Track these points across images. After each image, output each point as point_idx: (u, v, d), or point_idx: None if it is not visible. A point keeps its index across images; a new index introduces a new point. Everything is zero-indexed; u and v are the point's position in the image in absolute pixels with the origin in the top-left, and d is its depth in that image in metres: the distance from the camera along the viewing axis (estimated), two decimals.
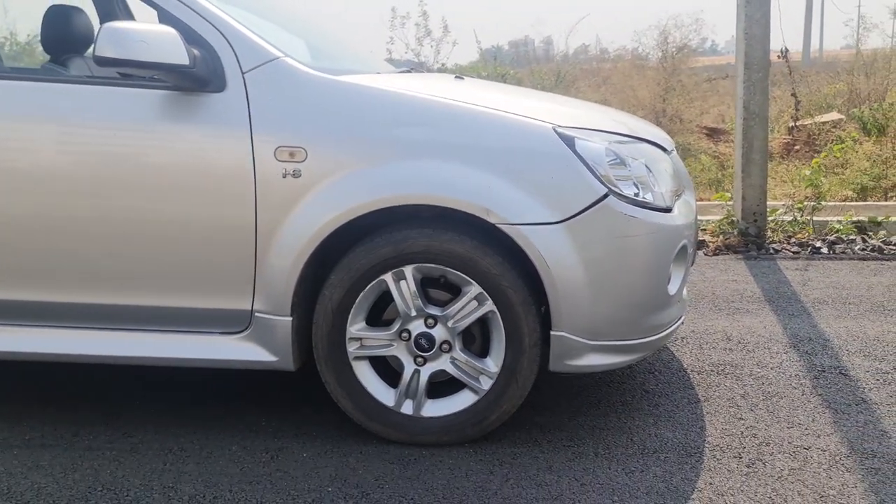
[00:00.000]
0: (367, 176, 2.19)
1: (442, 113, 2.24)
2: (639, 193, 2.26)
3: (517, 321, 2.23)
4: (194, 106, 2.23)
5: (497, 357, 2.27)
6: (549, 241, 2.17)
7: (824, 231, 5.25)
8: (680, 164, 2.67)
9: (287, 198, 2.21)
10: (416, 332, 2.28)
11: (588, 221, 2.18)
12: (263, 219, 2.23)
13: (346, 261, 2.24)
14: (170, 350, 2.34)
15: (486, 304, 2.23)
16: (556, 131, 2.22)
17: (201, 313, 2.32)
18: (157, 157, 2.25)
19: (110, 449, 2.32)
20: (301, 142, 2.20)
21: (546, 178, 2.18)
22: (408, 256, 2.21)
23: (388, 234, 2.23)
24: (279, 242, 2.23)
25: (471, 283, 2.22)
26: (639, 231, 2.22)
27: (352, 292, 2.25)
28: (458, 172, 2.18)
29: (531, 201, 2.17)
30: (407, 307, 2.26)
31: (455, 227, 2.23)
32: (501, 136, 2.21)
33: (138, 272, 2.30)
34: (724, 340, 3.25)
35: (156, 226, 2.26)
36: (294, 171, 2.20)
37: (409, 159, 2.19)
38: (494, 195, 2.16)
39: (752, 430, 2.41)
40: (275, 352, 2.31)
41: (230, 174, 2.22)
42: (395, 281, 2.25)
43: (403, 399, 2.31)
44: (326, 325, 2.27)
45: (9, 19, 5.10)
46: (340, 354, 2.30)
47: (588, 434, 2.39)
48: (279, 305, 2.27)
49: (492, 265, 2.20)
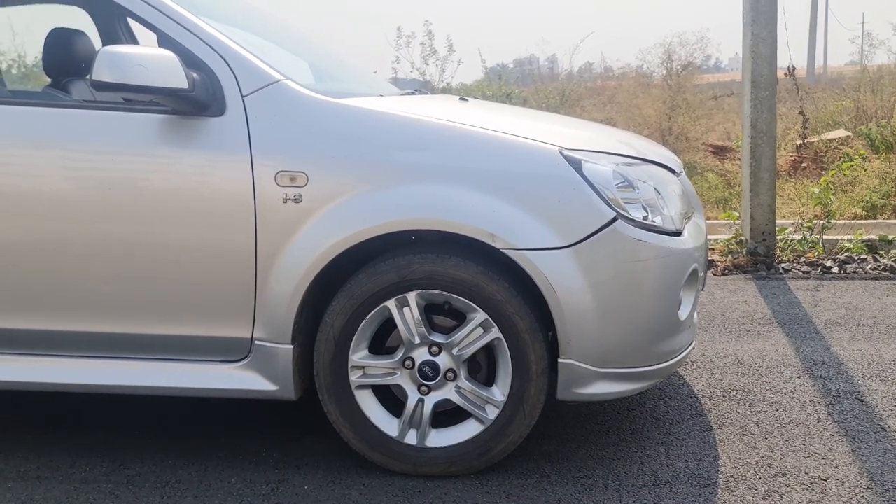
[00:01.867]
0: (369, 200, 2.14)
1: (446, 136, 2.19)
2: (647, 217, 2.21)
3: (524, 349, 2.17)
4: (193, 130, 2.19)
5: (503, 386, 2.21)
6: (556, 267, 2.11)
7: (834, 250, 5.18)
8: (689, 185, 2.61)
9: (288, 223, 2.16)
10: (420, 361, 2.22)
11: (596, 246, 2.12)
12: (264, 244, 2.18)
13: (349, 287, 2.19)
14: (167, 379, 2.29)
15: (492, 332, 2.17)
16: (563, 154, 2.18)
17: (200, 341, 2.27)
18: (155, 181, 2.21)
19: (106, 482, 2.26)
20: (302, 166, 2.16)
21: (552, 201, 2.13)
22: (411, 282, 2.16)
23: (391, 259, 2.18)
24: (280, 269, 2.18)
25: (476, 310, 2.16)
26: (648, 255, 2.17)
27: (354, 319, 2.19)
28: (463, 196, 2.13)
29: (537, 226, 2.12)
30: (410, 334, 2.20)
31: (460, 252, 2.18)
32: (507, 160, 2.16)
33: (136, 299, 2.25)
34: (735, 364, 3.18)
35: (154, 251, 2.21)
36: (295, 196, 2.16)
37: (412, 183, 2.15)
38: (500, 219, 2.11)
39: (768, 460, 2.33)
40: (275, 381, 2.25)
41: (230, 199, 2.17)
42: (398, 308, 2.19)
43: (407, 429, 2.25)
44: (328, 353, 2.22)
45: (16, 42, 5.10)
46: (342, 383, 2.24)
47: (597, 464, 2.32)
48: (280, 333, 2.21)
49: (497, 291, 2.14)
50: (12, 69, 6.17)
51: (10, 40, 4.82)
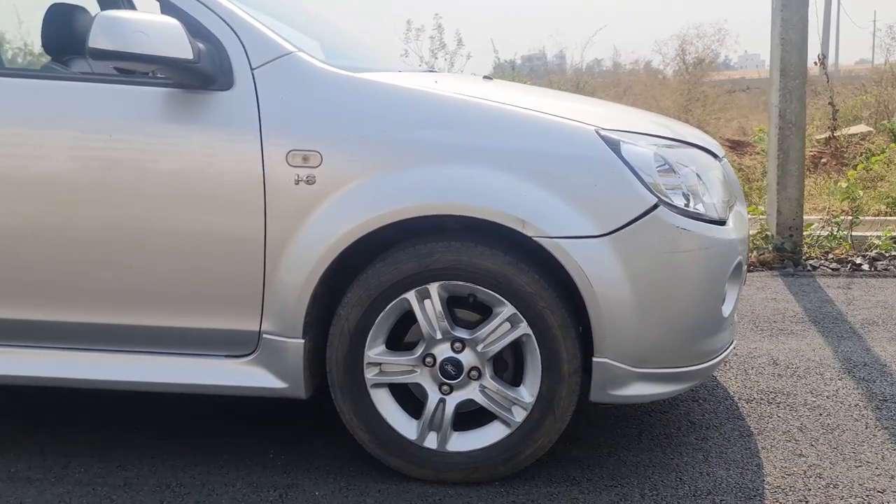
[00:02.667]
0: (388, 183, 1.97)
1: (472, 113, 2.02)
2: (689, 204, 2.03)
3: (555, 346, 1.99)
4: (198, 105, 2.02)
5: (532, 386, 2.03)
6: (592, 257, 1.93)
7: (864, 247, 4.98)
8: (731, 171, 2.43)
9: (300, 207, 1.99)
10: (442, 358, 2.05)
11: (635, 235, 1.95)
12: (273, 230, 2.01)
13: (365, 277, 2.02)
14: (168, 374, 2.12)
15: (521, 327, 2.00)
16: (600, 134, 2.00)
17: (203, 334, 2.10)
18: (156, 161, 2.03)
19: (102, 484, 2.09)
20: (316, 145, 1.98)
21: (588, 185, 1.95)
22: (433, 273, 1.99)
23: (412, 247, 2.00)
24: (290, 256, 2.01)
25: (503, 303, 1.99)
26: (692, 246, 1.99)
27: (370, 312, 2.02)
28: (490, 179, 1.95)
29: (572, 212, 1.94)
30: (432, 329, 2.03)
31: (486, 240, 2.00)
32: (539, 140, 1.98)
33: (134, 288, 2.08)
34: (770, 365, 3.00)
35: (154, 237, 2.04)
36: (308, 178, 1.98)
37: (435, 164, 1.97)
38: (531, 205, 1.94)
39: (816, 469, 2.15)
40: (284, 377, 2.08)
41: (237, 180, 2.00)
42: (418, 300, 2.02)
43: (427, 431, 2.08)
44: (342, 348, 2.04)
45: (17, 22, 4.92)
46: (357, 381, 2.06)
47: (632, 472, 2.15)
48: (290, 326, 2.04)
49: (527, 283, 1.96)
50: (10, 50, 5.96)
51: (9, 19, 4.63)
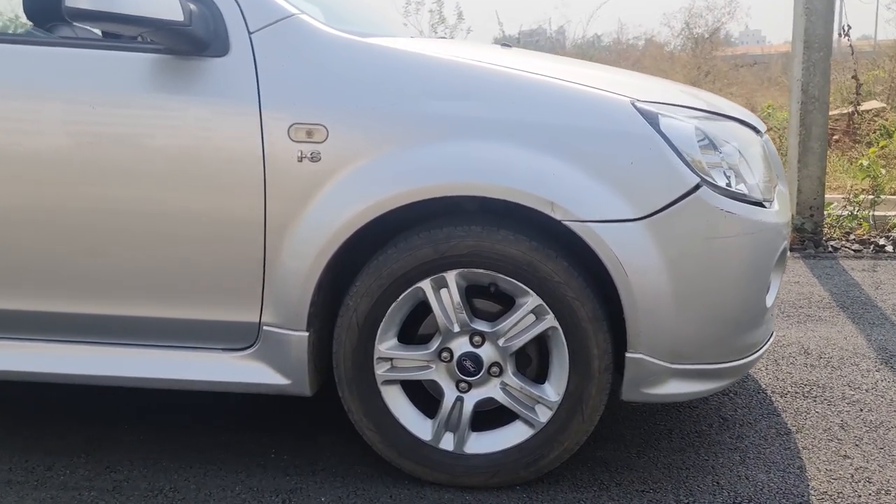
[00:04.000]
0: (401, 160, 1.78)
1: (493, 83, 1.82)
2: (730, 184, 1.84)
3: (584, 340, 1.81)
4: (190, 73, 1.82)
5: (558, 383, 1.86)
6: (627, 242, 1.75)
7: (886, 227, 4.80)
8: (772, 148, 2.24)
9: (303, 186, 1.80)
10: (460, 352, 1.87)
11: (675, 218, 1.76)
12: (274, 212, 1.82)
13: (376, 264, 1.83)
14: (159, 369, 1.94)
15: (547, 319, 1.82)
16: (636, 106, 1.80)
17: (198, 326, 1.92)
18: (144, 136, 1.84)
19: (89, 488, 1.92)
20: (320, 118, 1.79)
21: (624, 163, 1.76)
22: (451, 259, 1.80)
23: (427, 231, 1.81)
24: (293, 241, 1.82)
25: (528, 293, 1.81)
26: (736, 230, 1.80)
27: (381, 303, 1.84)
28: (515, 156, 1.76)
29: (605, 193, 1.75)
30: (449, 321, 1.85)
31: (510, 223, 1.82)
32: (569, 112, 1.79)
33: (122, 275, 1.89)
34: (802, 355, 2.82)
35: (142, 219, 1.85)
36: (312, 154, 1.79)
37: (454, 139, 1.78)
38: (560, 185, 1.75)
39: (864, 473, 1.99)
40: (287, 373, 1.90)
41: (233, 157, 1.81)
42: (434, 289, 1.83)
43: (443, 432, 1.91)
44: (350, 342, 1.86)
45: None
46: (367, 378, 1.89)
47: (664, 475, 1.98)
48: (293, 317, 1.86)
49: (555, 271, 1.78)
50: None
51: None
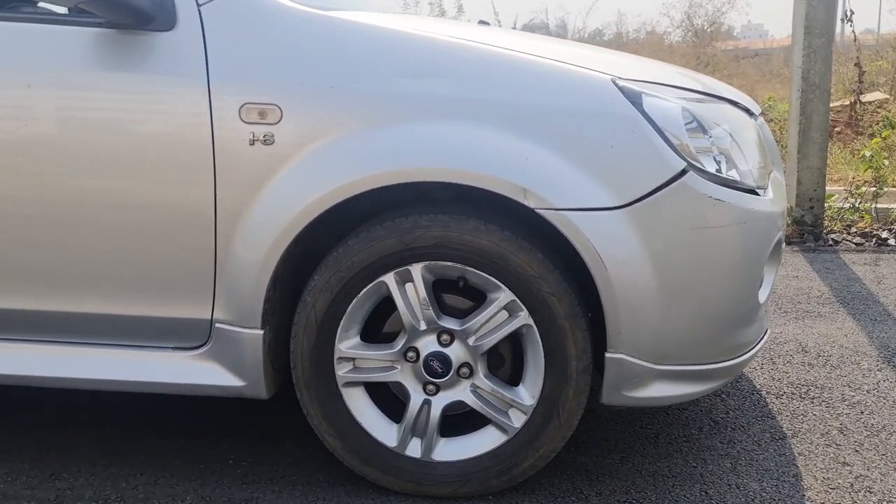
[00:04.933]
0: (363, 143, 1.63)
1: (464, 59, 1.67)
2: (720, 169, 1.70)
3: (561, 339, 1.67)
4: (134, 49, 1.67)
5: (533, 385, 1.72)
6: (607, 232, 1.61)
7: (889, 220, 4.65)
8: (767, 132, 2.09)
9: (256, 171, 1.66)
10: (427, 352, 1.73)
11: (659, 206, 1.62)
12: (225, 199, 1.68)
13: (335, 257, 1.69)
14: (105, 370, 1.80)
15: (520, 316, 1.68)
16: (617, 84, 1.66)
17: (147, 323, 1.78)
18: (84, 118, 1.69)
19: (29, 498, 1.78)
20: (274, 97, 1.64)
21: (603, 147, 1.62)
22: (416, 251, 1.66)
23: (391, 221, 1.67)
24: (246, 231, 1.68)
25: (500, 288, 1.66)
26: (726, 219, 1.66)
27: (342, 298, 1.70)
28: (485, 139, 1.62)
29: (583, 178, 1.61)
30: (414, 318, 1.71)
31: (479, 212, 1.67)
32: (544, 91, 1.64)
33: (62, 268, 1.75)
34: (799, 353, 2.68)
35: (82, 208, 1.71)
36: (265, 137, 1.65)
37: (419, 121, 1.63)
38: (534, 170, 1.60)
39: (865, 482, 1.85)
40: (241, 374, 1.77)
41: (180, 140, 1.67)
42: (398, 283, 1.69)
43: (409, 438, 1.77)
44: (309, 340, 1.72)
45: None
46: (327, 379, 1.75)
47: (649, 483, 1.84)
48: (247, 314, 1.72)
49: (528, 264, 1.64)
50: None
51: None
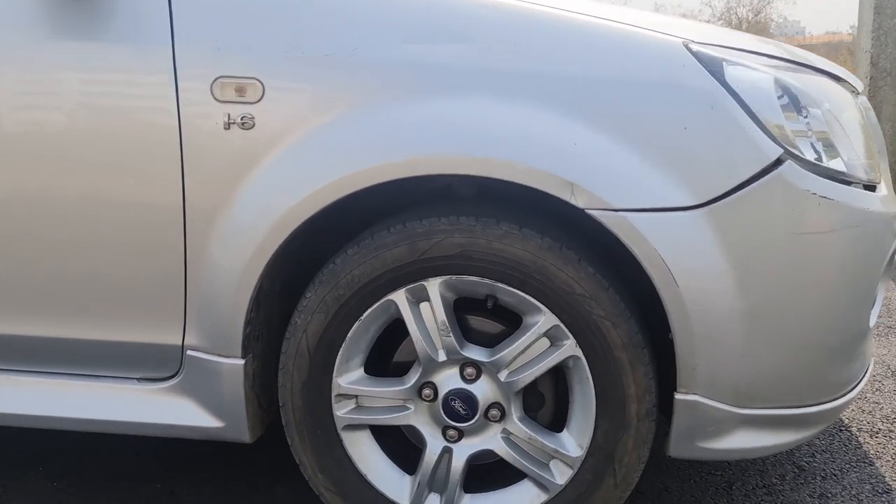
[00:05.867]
0: (363, 126, 1.29)
1: (490, 19, 1.32)
2: (820, 158, 1.32)
3: (618, 375, 1.31)
4: (84, 12, 1.35)
5: (581, 432, 1.36)
6: (680, 240, 1.24)
7: None
8: (871, 114, 1.70)
9: (232, 162, 1.33)
10: (447, 389, 1.38)
11: (747, 205, 1.25)
12: (195, 197, 1.35)
13: (331, 270, 1.35)
14: (55, 405, 1.48)
15: (565, 346, 1.32)
16: (690, 49, 1.29)
17: (105, 349, 1.46)
18: (22, 95, 1.37)
19: None
20: (254, 69, 1.31)
21: (674, 129, 1.25)
22: (433, 263, 1.31)
23: (401, 224, 1.32)
24: (221, 237, 1.35)
25: (539, 310, 1.31)
26: (833, 222, 1.29)
27: (341, 321, 1.35)
28: (520, 119, 1.26)
29: (648, 170, 1.25)
30: (431, 347, 1.36)
31: (513, 213, 1.32)
32: (594, 57, 1.29)
33: (4, 282, 1.44)
34: (890, 378, 2.28)
35: (17, 207, 1.39)
36: (243, 119, 1.31)
37: (436, 97, 1.28)
38: (584, 159, 1.25)
39: None
40: (219, 413, 1.43)
41: (139, 124, 1.34)
42: (411, 303, 1.34)
43: (425, 493, 1.42)
44: (300, 373, 1.38)
45: None
46: (323, 420, 1.41)
47: None
48: (223, 339, 1.39)
49: (576, 280, 1.28)
50: None
51: None
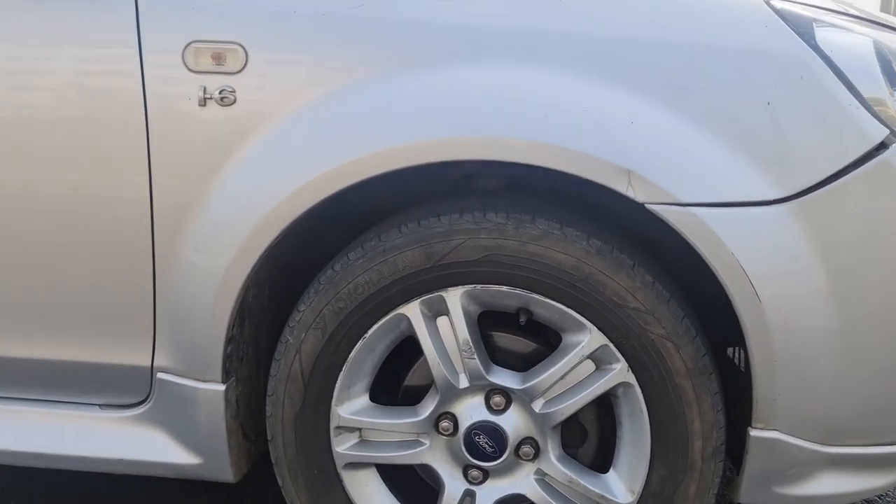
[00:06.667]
0: (368, 101, 1.06)
1: None
2: None
3: (679, 406, 1.08)
4: None
5: (631, 475, 1.12)
6: (762, 241, 1.02)
7: None
8: None
9: (210, 146, 1.10)
10: (470, 422, 1.14)
11: (846, 199, 1.02)
12: (164, 188, 1.12)
13: (329, 277, 1.11)
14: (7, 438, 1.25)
15: (615, 370, 1.08)
16: (773, 7, 1.06)
17: (58, 370, 1.23)
18: None
19: None
20: (236, 32, 1.08)
21: (754, 105, 1.02)
22: (454, 270, 1.07)
23: (415, 222, 1.09)
24: (197, 236, 1.12)
25: (583, 327, 1.07)
26: None
27: (342, 339, 1.12)
28: (562, 91, 1.03)
29: (723, 156, 1.01)
30: (451, 371, 1.12)
31: (551, 209, 1.09)
32: (656, 17, 1.05)
33: None
34: None
35: None
36: (222, 93, 1.08)
37: (457, 65, 1.05)
38: (643, 142, 1.02)
39: None
40: (195, 447, 1.20)
41: (94, 100, 1.11)
42: (426, 318, 1.11)
43: None
44: (292, 401, 1.15)
45: None
46: (320, 458, 1.18)
47: None
48: (200, 360, 1.16)
49: (630, 290, 1.04)
50: None
51: None
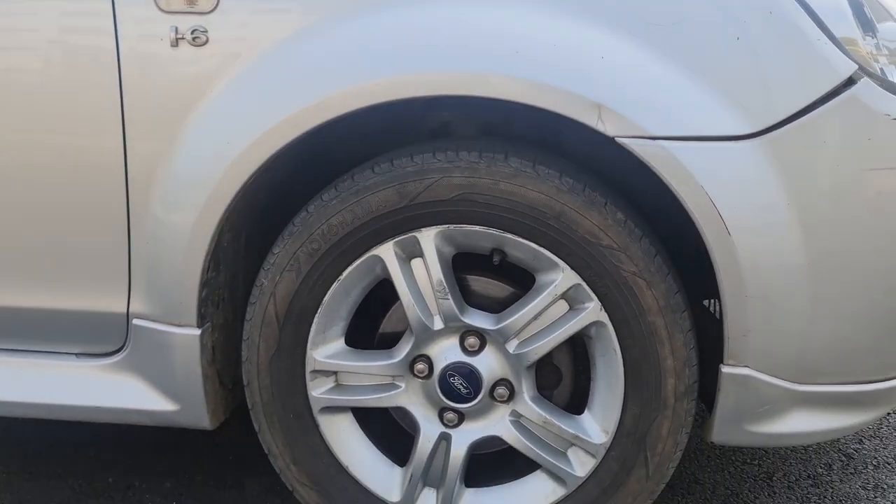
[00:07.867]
0: (339, 39, 1.06)
1: None
2: None
3: (652, 344, 1.08)
4: None
5: (605, 414, 1.13)
6: (732, 176, 1.02)
7: None
8: None
9: (183, 88, 1.09)
10: (445, 364, 1.14)
11: (814, 134, 1.03)
12: (138, 132, 1.12)
13: (304, 219, 1.12)
14: None
15: (588, 309, 1.09)
16: None
17: (33, 318, 1.22)
18: None
19: None
20: None
21: (723, 39, 1.02)
22: (427, 209, 1.08)
23: (388, 162, 1.09)
24: (169, 179, 1.11)
25: (556, 266, 1.08)
26: None
27: (316, 281, 1.12)
28: (535, 26, 1.03)
29: (692, 90, 1.02)
30: (425, 313, 1.13)
31: (524, 147, 1.09)
32: None
33: None
34: None
35: None
36: (194, 33, 1.07)
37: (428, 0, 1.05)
38: (613, 76, 1.02)
39: None
40: (172, 393, 1.20)
41: (65, 45, 1.11)
42: (400, 259, 1.11)
43: (419, 488, 1.19)
44: (267, 344, 1.15)
45: None
46: (296, 402, 1.18)
47: None
48: (176, 305, 1.15)
49: (602, 228, 1.05)
50: None
51: None
